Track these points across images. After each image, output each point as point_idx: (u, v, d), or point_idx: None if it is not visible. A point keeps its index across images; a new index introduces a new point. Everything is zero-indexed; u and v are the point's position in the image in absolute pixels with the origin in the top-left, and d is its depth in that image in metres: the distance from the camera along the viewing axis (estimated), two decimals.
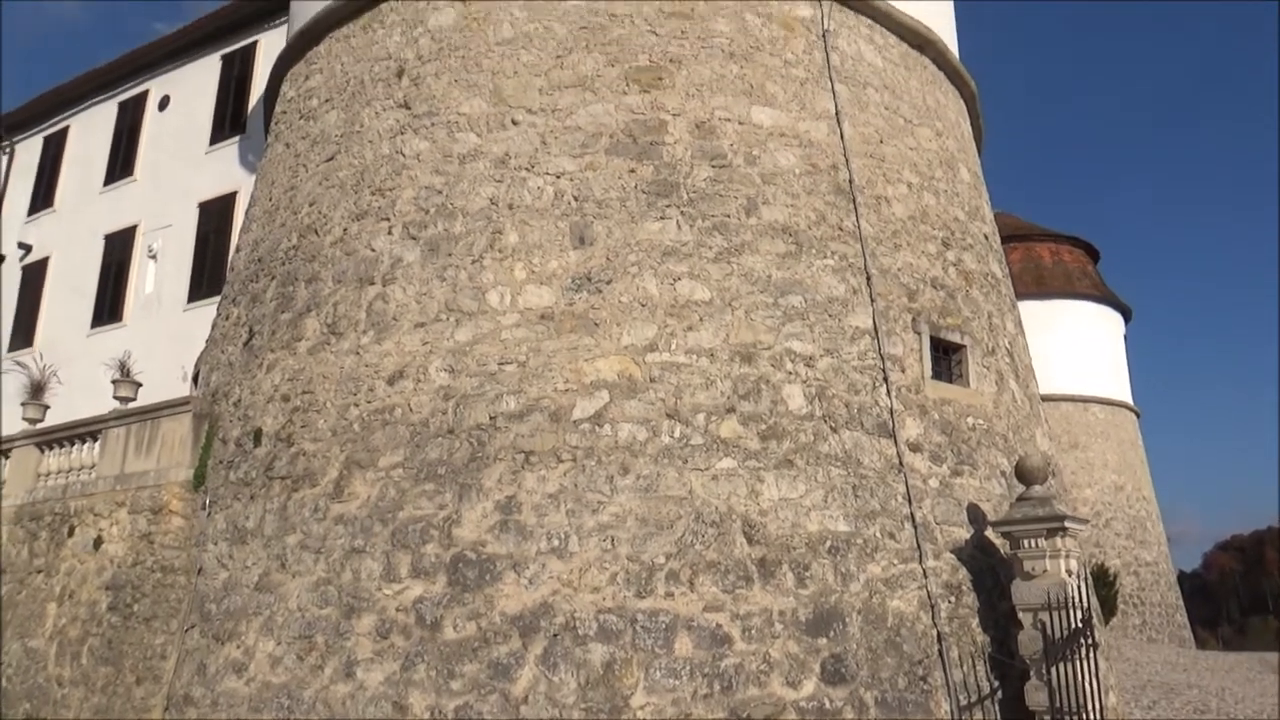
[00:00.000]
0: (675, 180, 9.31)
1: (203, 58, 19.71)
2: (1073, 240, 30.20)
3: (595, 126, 9.51)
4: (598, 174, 9.32)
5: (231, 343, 10.92)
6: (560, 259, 8.98)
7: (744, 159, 9.58)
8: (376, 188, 10.02)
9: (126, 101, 20.86)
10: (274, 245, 10.89)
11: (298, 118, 11.74)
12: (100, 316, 19.26)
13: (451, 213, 9.46)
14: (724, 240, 9.13)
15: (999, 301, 11.14)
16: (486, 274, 9.06)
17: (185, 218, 18.36)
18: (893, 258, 9.87)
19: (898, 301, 9.63)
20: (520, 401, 8.43)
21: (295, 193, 11.00)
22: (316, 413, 9.25)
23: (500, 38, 10.15)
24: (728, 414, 8.38)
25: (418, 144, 9.98)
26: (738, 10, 10.34)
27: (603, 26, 10.02)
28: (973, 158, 12.45)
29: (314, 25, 11.92)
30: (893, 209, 10.21)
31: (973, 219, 11.45)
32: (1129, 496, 27.95)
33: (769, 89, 10.05)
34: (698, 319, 8.73)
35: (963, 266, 10.65)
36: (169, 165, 19.29)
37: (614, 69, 9.81)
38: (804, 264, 9.29)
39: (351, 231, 9.95)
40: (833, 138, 10.13)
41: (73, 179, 21.45)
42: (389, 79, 10.59)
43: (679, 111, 9.64)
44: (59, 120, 22.29)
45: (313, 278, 10.04)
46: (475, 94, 9.95)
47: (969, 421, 9.61)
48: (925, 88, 11.68)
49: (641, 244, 9.00)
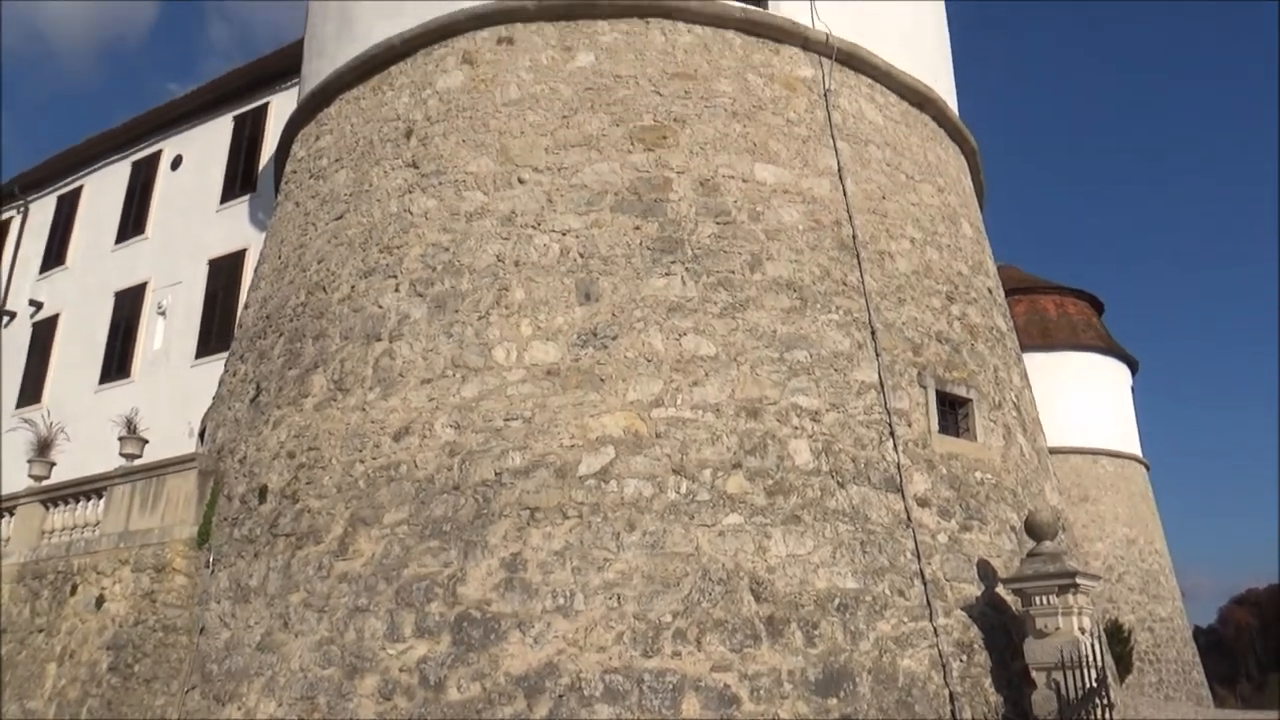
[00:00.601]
0: (680, 237, 9.40)
1: (215, 118, 20.11)
2: (1077, 293, 30.27)
3: (601, 184, 9.64)
4: (603, 231, 9.42)
5: (238, 399, 10.95)
6: (566, 315, 9.04)
7: (748, 215, 9.68)
8: (384, 245, 10.12)
9: (140, 161, 21.24)
10: (282, 302, 10.98)
11: (308, 177, 11.92)
12: (108, 373, 19.37)
13: (458, 270, 9.54)
14: (729, 296, 9.19)
15: (1004, 355, 11.15)
16: (493, 330, 9.11)
17: (195, 275, 18.57)
18: (897, 312, 9.90)
19: (903, 356, 9.64)
20: (526, 458, 8.42)
21: (304, 250, 11.12)
22: (322, 469, 9.23)
23: (507, 99, 10.34)
24: (734, 469, 8.35)
25: (425, 202, 10.11)
26: (740, 71, 10.53)
27: (608, 87, 10.21)
28: (975, 212, 12.56)
29: (325, 87, 12.16)
30: (896, 264, 10.28)
31: (976, 273, 11.51)
32: (1141, 550, 27.61)
33: (772, 147, 10.19)
34: (703, 374, 8.75)
35: (967, 320, 10.68)
36: (180, 223, 19.57)
37: (619, 128, 9.97)
38: (809, 319, 9.33)
39: (359, 289, 10.04)
40: (836, 194, 10.24)
41: (85, 237, 21.75)
42: (398, 139, 10.77)
43: (683, 169, 9.77)
44: (73, 179, 22.67)
45: (320, 334, 10.09)
46: (482, 153, 10.11)
47: (977, 476, 9.55)
48: (926, 144, 11.83)
49: (647, 300, 9.06)
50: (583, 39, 10.55)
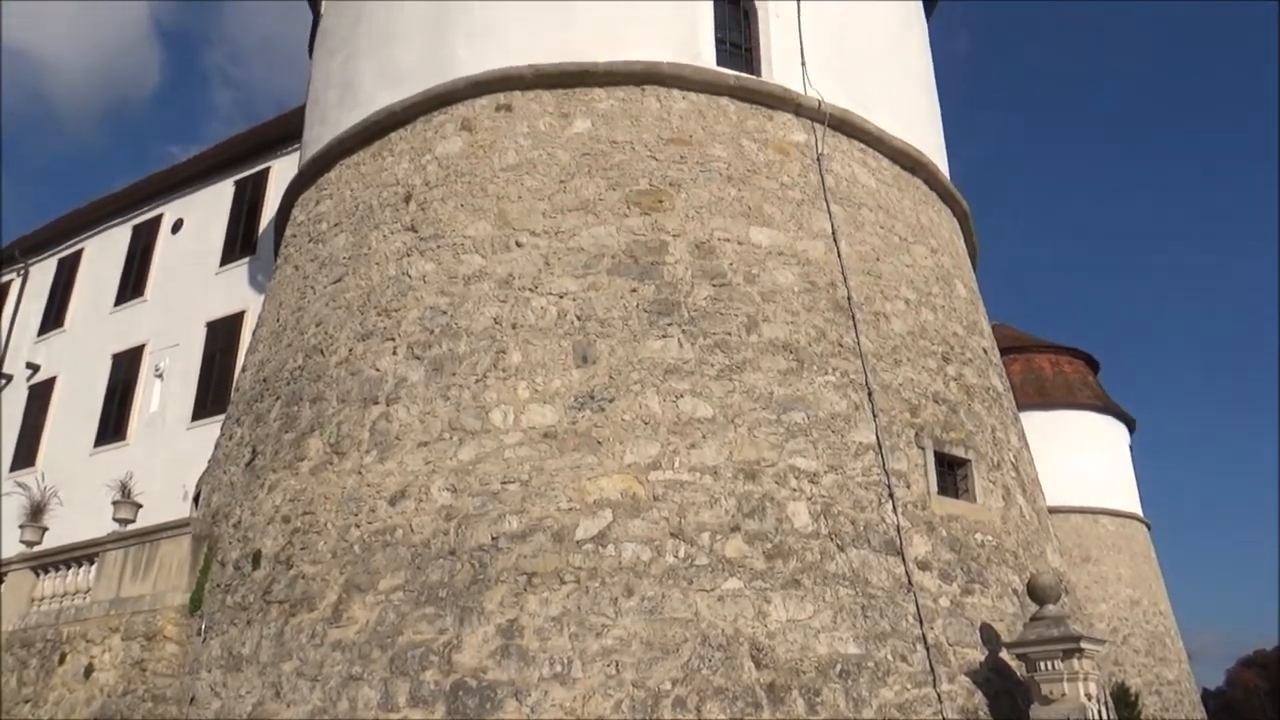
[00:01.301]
0: (676, 299, 9.46)
1: (217, 183, 20.36)
2: (1072, 351, 30.38)
3: (597, 248, 9.73)
4: (600, 294, 9.48)
5: (234, 463, 10.90)
6: (563, 377, 9.05)
7: (744, 278, 9.76)
8: (383, 308, 10.18)
9: (141, 225, 21.44)
10: (280, 365, 10.99)
11: (307, 241, 12.03)
12: (104, 435, 19.29)
13: (456, 332, 9.58)
14: (725, 358, 9.22)
15: (1001, 415, 11.15)
16: (490, 393, 9.11)
17: (193, 337, 18.60)
18: (893, 373, 9.93)
19: (900, 417, 9.64)
20: (523, 521, 8.35)
21: (303, 314, 11.17)
22: (317, 534, 9.14)
23: (505, 164, 10.49)
24: (732, 533, 8.29)
25: (424, 265, 10.19)
26: (734, 136, 10.71)
27: (604, 153, 10.37)
28: (968, 273, 12.67)
29: (326, 153, 12.34)
30: (891, 325, 10.34)
31: (971, 333, 11.57)
32: (1145, 612, 27.25)
33: (767, 210, 10.32)
34: (701, 436, 8.73)
35: (964, 381, 10.71)
36: (179, 286, 19.67)
37: (615, 193, 10.10)
38: (805, 380, 9.34)
39: (357, 351, 10.06)
40: (830, 256, 10.34)
41: (84, 299, 21.84)
42: (397, 204, 10.89)
43: (679, 232, 9.88)
44: (74, 243, 22.85)
45: (317, 397, 10.09)
46: (481, 217, 10.22)
47: (977, 538, 9.47)
48: (918, 207, 11.99)
49: (644, 362, 9.08)
50: (580, 106, 10.75)
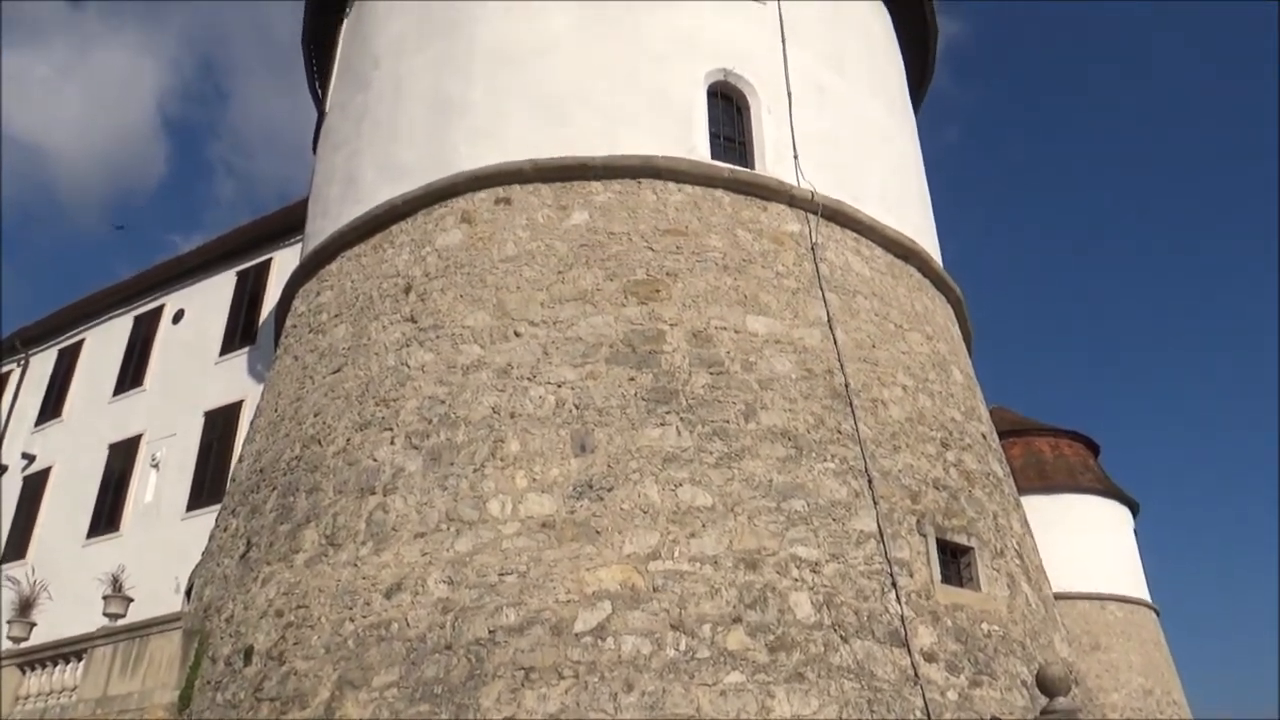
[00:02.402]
0: (674, 387, 9.50)
1: (219, 273, 20.62)
2: (1072, 434, 30.34)
3: (595, 337, 9.81)
4: (598, 382, 9.52)
5: (228, 555, 10.76)
6: (561, 467, 9.01)
7: (741, 365, 9.81)
8: (381, 398, 10.20)
9: (142, 315, 21.62)
10: (277, 456, 10.95)
11: (307, 331, 12.12)
12: (97, 526, 19.10)
13: (454, 422, 9.58)
14: (724, 445, 9.20)
15: (1003, 501, 11.08)
16: (488, 483, 9.06)
17: (190, 426, 18.58)
18: (893, 460, 9.90)
19: (901, 504, 9.57)
20: (520, 614, 8.21)
21: (301, 404, 11.19)
22: (310, 628, 8.97)
23: (504, 255, 10.65)
24: (734, 624, 8.14)
25: (423, 356, 10.26)
26: (729, 227, 10.91)
27: (601, 244, 10.55)
28: (964, 359, 12.75)
29: (328, 245, 12.54)
30: (889, 411, 10.35)
31: (969, 419, 11.58)
32: (1159, 701, 26.58)
33: (763, 299, 10.44)
34: (700, 525, 8.66)
35: (963, 467, 10.67)
36: (179, 375, 19.74)
37: (613, 283, 10.24)
38: (805, 468, 9.31)
39: (355, 442, 10.04)
40: (826, 344, 10.42)
41: (83, 389, 21.87)
42: (397, 295, 11.02)
43: (676, 321, 9.97)
44: (76, 333, 23.00)
45: (314, 488, 10.02)
46: (480, 308, 10.33)
47: (984, 628, 9.31)
48: (913, 294, 12.13)
49: (642, 450, 9.07)
50: (577, 198, 10.97)
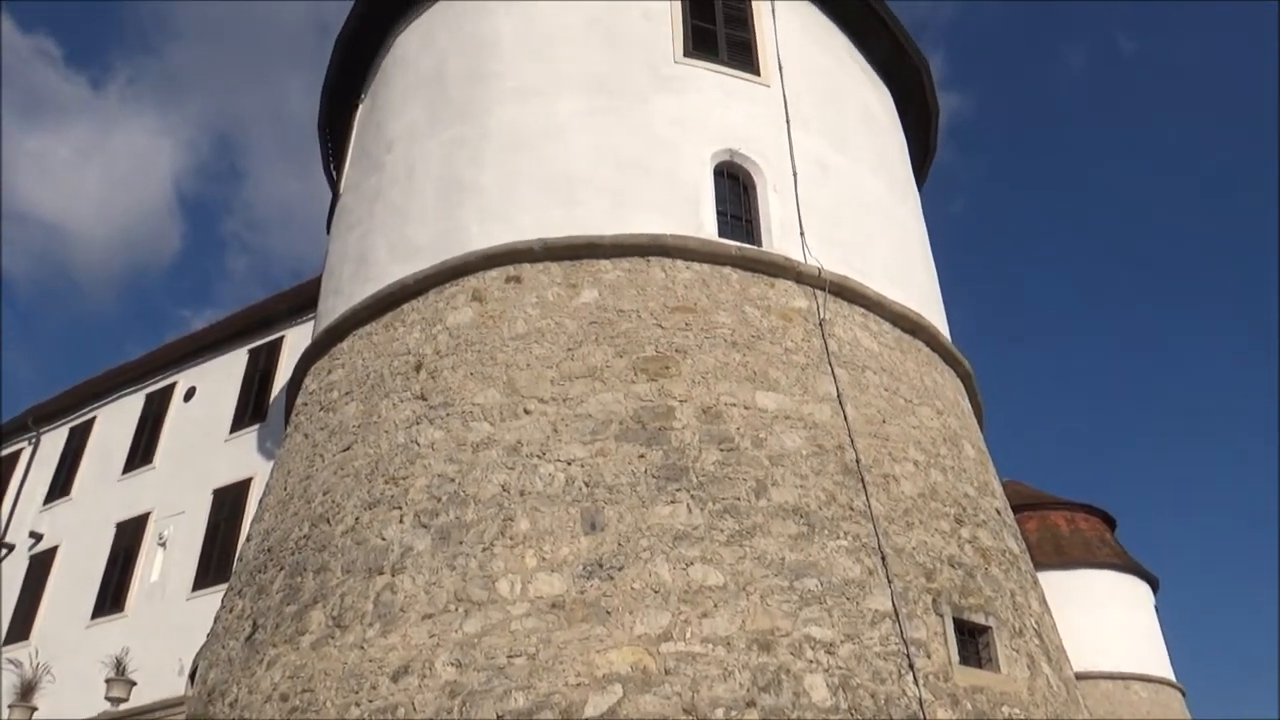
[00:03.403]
0: (684, 464, 9.46)
1: (231, 351, 20.82)
2: (1087, 508, 29.95)
3: (605, 414, 9.82)
4: (608, 460, 9.49)
5: (233, 637, 10.62)
6: (571, 545, 8.93)
7: (751, 442, 9.78)
8: (390, 476, 10.17)
9: (154, 393, 21.78)
10: (285, 535, 10.89)
11: (318, 409, 12.17)
12: (102, 606, 18.91)
13: (464, 500, 9.53)
14: (735, 523, 9.12)
15: (1020, 579, 10.90)
16: (497, 562, 8.97)
17: (198, 504, 18.54)
18: (906, 536, 9.78)
19: (916, 582, 9.42)
20: (530, 698, 8.04)
21: (310, 482, 11.16)
22: (315, 713, 8.79)
23: (514, 333, 10.73)
24: (748, 708, 7.95)
25: (432, 433, 10.26)
26: (737, 304, 11.00)
27: (611, 321, 10.63)
28: (975, 433, 12.69)
29: (340, 323, 12.66)
30: (901, 487, 10.27)
31: (983, 494, 11.47)
32: None
33: (772, 375, 10.46)
34: (712, 605, 8.52)
35: (979, 543, 10.53)
36: (188, 453, 19.77)
37: (622, 359, 10.29)
38: (817, 545, 9.20)
39: (363, 520, 9.98)
40: (836, 419, 10.39)
41: (92, 467, 21.92)
42: (408, 372, 11.09)
43: (686, 398, 9.98)
44: (87, 411, 23.15)
45: (321, 568, 9.94)
46: (490, 385, 10.37)
47: (1005, 711, 9.06)
48: (922, 369, 12.14)
49: (653, 528, 8.99)
50: (587, 276, 11.10)
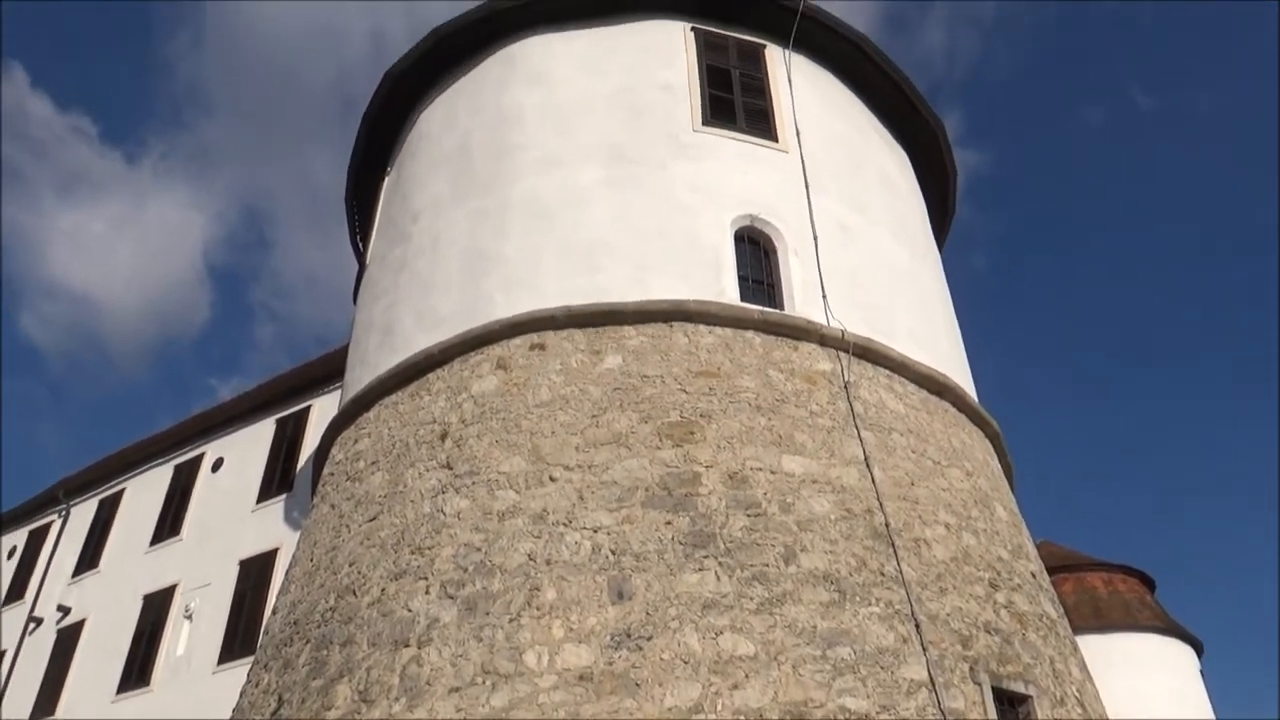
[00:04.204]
0: (711, 531, 9.36)
1: (258, 421, 20.98)
2: (1125, 569, 29.20)
3: (631, 481, 9.77)
4: (634, 527, 9.41)
5: (259, 712, 10.50)
6: (599, 615, 8.81)
7: (779, 507, 9.68)
8: (416, 546, 10.13)
9: (182, 464, 21.94)
10: (311, 607, 10.83)
11: (344, 479, 12.20)
12: (127, 681, 18.83)
13: (490, 570, 9.46)
14: (765, 590, 8.98)
15: (1059, 645, 10.62)
16: (524, 633, 8.86)
17: (225, 576, 18.52)
18: (940, 602, 9.58)
19: (951, 650, 9.20)
20: None
21: (336, 553, 11.14)
22: None
23: (539, 400, 10.77)
24: None
25: (458, 502, 10.24)
26: (761, 367, 10.99)
27: (635, 387, 10.64)
28: (1006, 495, 12.49)
29: (366, 393, 12.76)
30: (933, 551, 10.09)
31: (1017, 557, 11.25)
32: None
33: (798, 438, 10.40)
34: (743, 676, 8.35)
35: (1014, 608, 10.29)
36: (215, 524, 19.82)
37: (647, 425, 10.27)
38: (849, 612, 9.03)
39: (389, 591, 9.92)
40: (864, 482, 10.28)
41: (120, 539, 22.01)
42: (433, 441, 11.12)
43: (711, 463, 9.92)
44: (116, 483, 23.33)
45: (348, 640, 9.85)
46: (515, 453, 10.37)
47: None
48: (949, 430, 12.02)
49: (681, 597, 8.86)
50: (610, 343, 11.16)
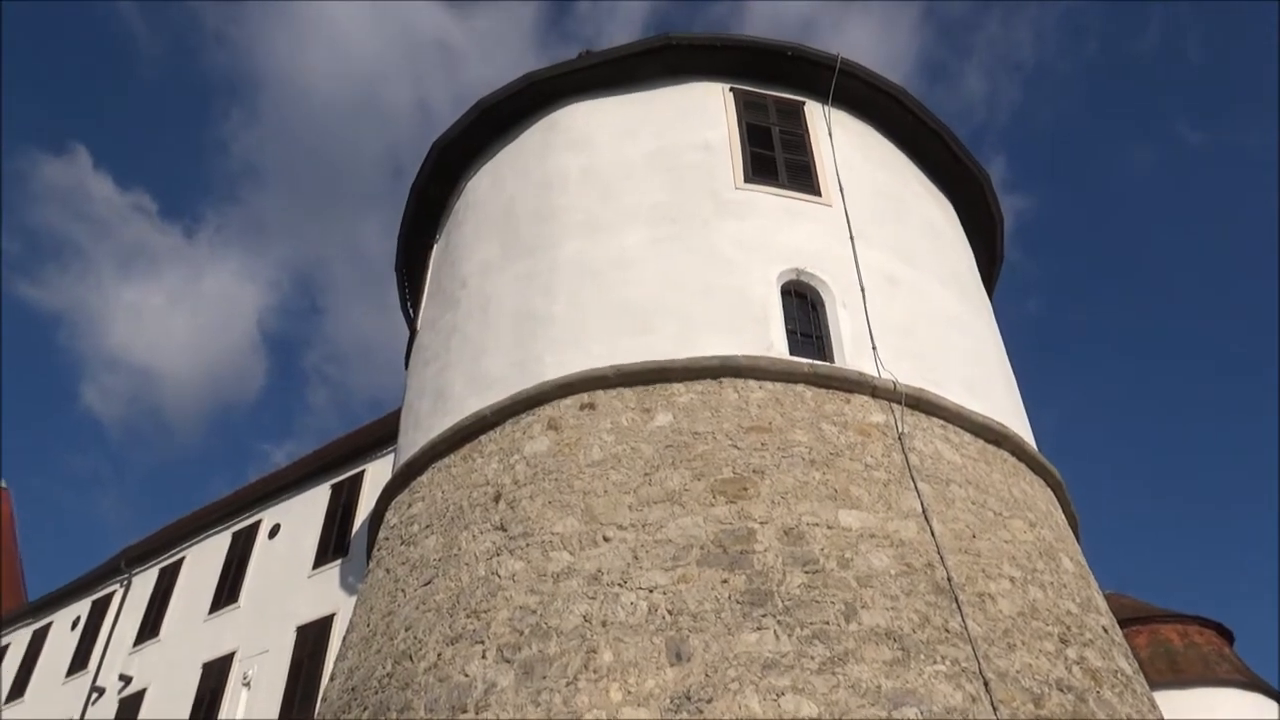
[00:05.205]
0: (769, 588, 9.21)
1: (314, 487, 21.25)
2: (1201, 620, 28.04)
3: (685, 539, 9.68)
4: (690, 586, 9.29)
5: None
6: (657, 677, 8.67)
7: (837, 563, 9.50)
8: (472, 610, 10.10)
9: (240, 531, 22.25)
10: (368, 673, 10.81)
11: (399, 543, 12.25)
12: None
13: (546, 632, 9.38)
14: (825, 649, 8.77)
15: (1136, 703, 10.18)
16: (581, 697, 8.74)
17: (282, 642, 18.60)
18: (1008, 659, 9.27)
19: (1024, 709, 8.87)
20: None
21: (392, 618, 11.14)
22: None
23: (590, 460, 10.76)
24: None
25: (513, 564, 10.22)
26: (813, 421, 10.89)
27: (687, 444, 10.60)
28: (1072, 546, 12.13)
29: (419, 457, 12.87)
30: (999, 606, 9.80)
31: (1086, 610, 10.87)
32: None
33: (853, 492, 10.24)
34: None
35: (1087, 664, 9.91)
36: (272, 591, 20.00)
37: (700, 482, 10.20)
38: (914, 671, 8.77)
39: (446, 656, 9.88)
40: (924, 535, 10.06)
41: (180, 607, 22.28)
42: (486, 503, 11.15)
43: (766, 519, 9.80)
44: (176, 551, 23.70)
45: (405, 707, 9.80)
46: (568, 514, 10.35)
47: None
48: (1009, 480, 11.76)
49: (740, 657, 8.69)
50: (660, 401, 11.16)
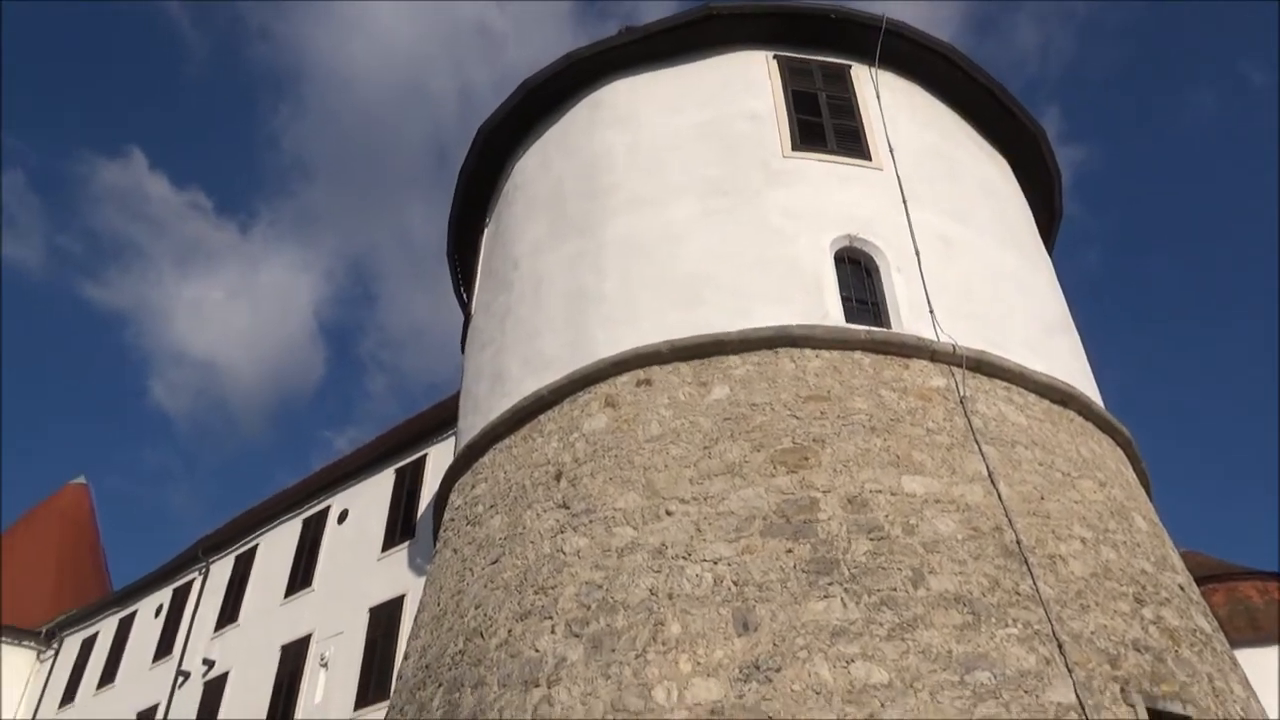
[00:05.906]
0: (834, 557, 9.18)
1: (378, 472, 21.70)
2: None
3: (748, 510, 9.68)
4: (755, 557, 9.31)
5: None
6: (725, 648, 8.72)
7: (902, 529, 9.43)
8: (539, 587, 10.25)
9: (310, 518, 22.84)
10: (441, 651, 11.05)
11: (464, 524, 12.46)
12: None
13: (613, 607, 9.49)
14: (894, 615, 8.73)
15: (1216, 660, 9.97)
16: (651, 669, 8.83)
17: (356, 624, 19.09)
18: (1082, 621, 9.13)
19: (1100, 670, 8.74)
20: None
21: (462, 596, 11.36)
22: None
23: (649, 435, 10.80)
24: None
25: (577, 541, 10.33)
26: (872, 388, 10.78)
27: (745, 416, 10.58)
28: (1145, 504, 11.87)
29: (479, 439, 13.05)
30: (1070, 567, 9.64)
31: (1161, 569, 10.65)
32: None
33: (916, 457, 10.13)
34: (879, 705, 8.11)
35: (1164, 624, 9.72)
36: (344, 574, 20.51)
37: (760, 453, 10.18)
38: (985, 635, 8.69)
39: (515, 632, 10.05)
40: (990, 499, 9.93)
41: (257, 593, 22.98)
42: (548, 482, 11.27)
43: (829, 488, 9.76)
44: (250, 539, 24.42)
45: (479, 683, 10.00)
46: (629, 489, 10.41)
47: None
48: (1076, 440, 11.53)
49: (807, 626, 8.70)
50: (716, 374, 11.14)
